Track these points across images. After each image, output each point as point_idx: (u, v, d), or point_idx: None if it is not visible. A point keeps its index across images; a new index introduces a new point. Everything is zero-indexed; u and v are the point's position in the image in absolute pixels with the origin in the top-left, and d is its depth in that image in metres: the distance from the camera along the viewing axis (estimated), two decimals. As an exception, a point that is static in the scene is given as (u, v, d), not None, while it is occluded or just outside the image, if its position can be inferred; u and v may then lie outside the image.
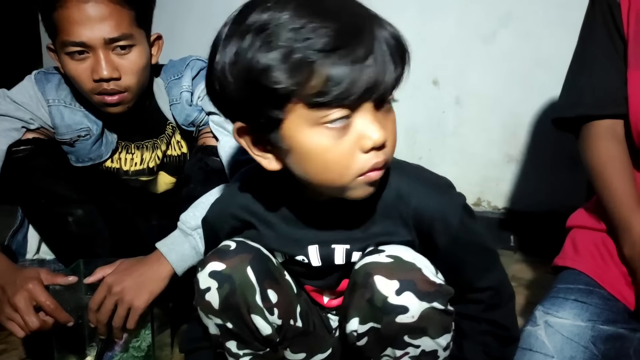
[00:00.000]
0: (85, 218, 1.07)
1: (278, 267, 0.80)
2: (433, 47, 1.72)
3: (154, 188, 1.23)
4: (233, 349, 0.80)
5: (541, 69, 1.62)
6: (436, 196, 0.72)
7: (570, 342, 0.75)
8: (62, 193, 1.06)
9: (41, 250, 1.19)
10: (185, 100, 1.16)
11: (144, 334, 1.01)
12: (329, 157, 0.62)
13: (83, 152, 1.14)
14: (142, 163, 1.20)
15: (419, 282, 0.67)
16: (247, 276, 0.73)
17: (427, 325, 0.67)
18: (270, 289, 0.76)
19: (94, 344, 1.03)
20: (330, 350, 0.87)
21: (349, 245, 0.75)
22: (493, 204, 1.80)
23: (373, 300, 0.67)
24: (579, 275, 0.85)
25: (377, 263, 0.68)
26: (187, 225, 0.95)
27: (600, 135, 0.89)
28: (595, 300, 0.80)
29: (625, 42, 0.87)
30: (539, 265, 1.58)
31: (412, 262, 0.69)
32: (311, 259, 0.77)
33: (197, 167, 1.09)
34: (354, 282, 0.70)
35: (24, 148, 1.06)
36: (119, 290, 0.92)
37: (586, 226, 0.92)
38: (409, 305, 0.66)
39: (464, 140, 1.79)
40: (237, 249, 0.76)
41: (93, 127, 1.13)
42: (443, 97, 1.77)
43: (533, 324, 0.80)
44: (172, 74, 1.19)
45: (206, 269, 0.74)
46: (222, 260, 0.74)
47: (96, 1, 0.98)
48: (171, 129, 1.21)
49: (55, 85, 1.13)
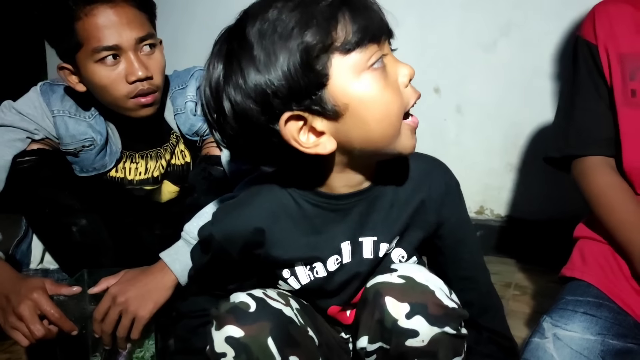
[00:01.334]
0: (89, 228, 1.07)
1: (300, 327, 0.74)
2: (434, 56, 1.73)
3: (158, 197, 1.23)
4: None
5: (541, 78, 1.63)
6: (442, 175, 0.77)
7: (580, 356, 0.74)
8: (66, 203, 1.06)
9: (45, 259, 1.18)
10: (189, 110, 1.17)
11: (147, 344, 1.00)
12: (387, 98, 0.64)
13: (87, 162, 1.14)
14: (146, 172, 1.21)
15: (430, 305, 0.66)
16: (267, 347, 0.68)
17: (438, 349, 0.67)
18: (293, 356, 0.71)
19: (97, 354, 1.03)
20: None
21: (376, 237, 0.74)
22: (496, 212, 1.80)
23: (383, 321, 0.66)
24: (588, 288, 0.84)
25: (388, 283, 0.68)
26: (191, 235, 0.95)
27: (595, 166, 0.91)
28: (605, 313, 0.79)
29: (607, 86, 0.90)
30: (541, 273, 1.58)
31: (425, 284, 0.68)
32: (344, 256, 0.75)
33: (201, 176, 1.09)
34: (365, 299, 0.70)
35: (28, 159, 1.06)
36: (124, 301, 0.91)
37: (595, 238, 0.92)
38: (419, 329, 0.65)
39: (465, 148, 1.79)
40: (257, 313, 0.69)
41: (97, 137, 1.13)
42: (444, 105, 1.77)
43: (541, 336, 0.79)
44: (177, 84, 1.20)
45: (222, 332, 0.68)
46: (240, 325, 0.68)
47: (121, 6, 1.02)
48: (175, 139, 1.21)
49: (60, 96, 1.14)
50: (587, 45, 0.92)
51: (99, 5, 1.00)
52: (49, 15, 1.03)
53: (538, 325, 0.82)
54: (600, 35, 0.90)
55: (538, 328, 0.81)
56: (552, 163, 1.01)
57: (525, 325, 1.23)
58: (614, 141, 0.89)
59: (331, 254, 0.74)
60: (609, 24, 0.89)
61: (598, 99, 0.91)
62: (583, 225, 0.96)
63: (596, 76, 0.91)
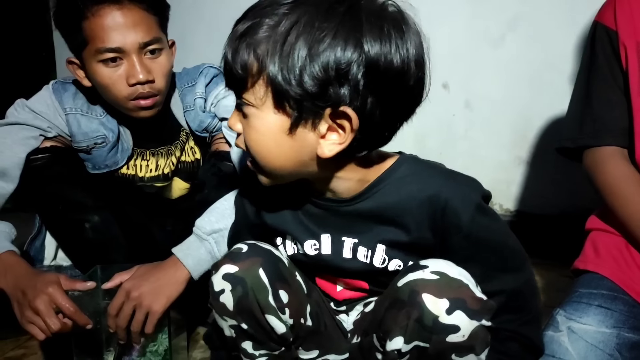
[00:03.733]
0: (102, 224, 1.08)
1: (289, 268, 0.81)
2: (442, 51, 1.73)
3: (169, 194, 1.25)
4: (249, 349, 0.81)
5: (549, 72, 1.63)
6: (449, 189, 0.71)
7: (595, 349, 0.73)
8: (79, 200, 1.08)
9: (58, 256, 1.20)
10: (199, 106, 1.18)
11: (161, 338, 1.01)
12: None
13: (99, 159, 1.16)
14: (157, 169, 1.22)
15: (468, 299, 0.66)
16: (259, 278, 0.75)
17: (475, 343, 0.67)
18: (282, 290, 0.77)
19: (112, 348, 1.04)
20: (346, 355, 0.87)
21: (357, 240, 0.77)
22: (505, 207, 1.80)
23: (422, 319, 0.65)
24: (601, 280, 0.84)
25: (423, 280, 0.67)
26: (203, 231, 0.96)
27: (608, 157, 0.89)
28: (620, 306, 0.78)
29: (624, 74, 0.87)
30: (552, 267, 1.57)
31: (459, 279, 0.67)
32: (322, 246, 0.79)
33: (211, 172, 1.10)
34: (396, 299, 0.69)
35: (42, 156, 1.07)
36: (137, 296, 0.92)
37: (607, 230, 0.91)
38: (460, 324, 0.65)
39: (474, 143, 1.79)
40: (249, 252, 0.78)
41: (109, 134, 1.15)
42: (453, 100, 1.78)
43: (555, 329, 0.78)
44: (186, 82, 1.21)
45: (220, 272, 0.76)
46: (234, 262, 0.76)
47: (128, 8, 1.02)
48: (185, 135, 1.22)
49: (72, 94, 1.16)
50: (606, 32, 0.89)
51: (106, 6, 1.01)
52: (61, 10, 1.05)
53: (551, 318, 0.81)
54: (620, 22, 0.87)
55: (551, 321, 0.80)
56: (564, 153, 0.99)
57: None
58: (627, 132, 0.88)
59: (309, 238, 0.79)
60: (630, 11, 0.87)
61: (615, 87, 0.89)
62: (595, 217, 0.95)
63: (614, 63, 0.89)
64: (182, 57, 1.36)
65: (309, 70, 0.61)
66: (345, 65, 0.61)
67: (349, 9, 0.62)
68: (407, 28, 0.65)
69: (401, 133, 0.72)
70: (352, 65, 0.61)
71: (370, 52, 0.62)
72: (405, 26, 0.65)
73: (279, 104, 0.64)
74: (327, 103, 0.63)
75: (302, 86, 0.62)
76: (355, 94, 0.62)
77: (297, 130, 0.66)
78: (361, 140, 0.67)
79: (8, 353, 1.18)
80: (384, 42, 0.62)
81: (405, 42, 0.64)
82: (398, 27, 0.64)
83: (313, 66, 0.61)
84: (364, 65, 0.61)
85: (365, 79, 0.62)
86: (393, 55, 0.63)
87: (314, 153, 0.68)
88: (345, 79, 0.62)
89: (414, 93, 0.67)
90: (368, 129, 0.66)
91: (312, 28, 0.61)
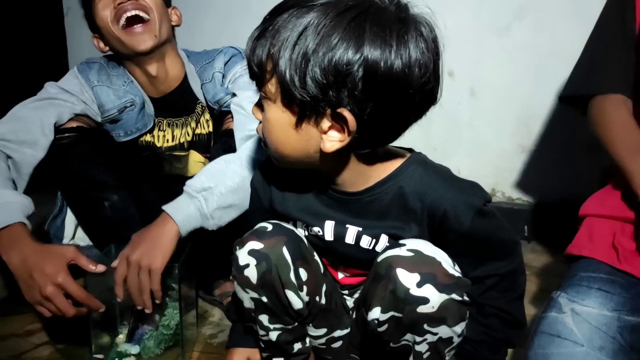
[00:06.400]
0: (120, 203, 1.14)
1: (309, 248, 0.86)
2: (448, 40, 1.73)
3: (186, 167, 1.30)
4: (265, 322, 0.87)
5: (554, 61, 1.64)
6: (452, 196, 0.75)
7: (599, 331, 0.75)
8: (101, 179, 1.13)
9: (76, 236, 1.25)
10: (217, 80, 1.25)
11: (172, 313, 1.06)
12: None
13: (131, 123, 1.25)
14: (173, 140, 1.29)
15: (439, 275, 0.71)
16: (283, 256, 0.81)
17: (446, 315, 0.71)
18: (302, 268, 0.83)
19: (126, 322, 1.09)
20: (348, 330, 0.92)
21: (361, 228, 0.81)
22: (507, 195, 1.83)
23: (395, 291, 0.71)
24: (599, 265, 0.86)
25: (398, 256, 0.72)
26: (193, 189, 1.01)
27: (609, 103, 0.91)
28: (618, 289, 0.81)
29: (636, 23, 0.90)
30: (551, 254, 1.61)
31: (432, 256, 0.73)
32: (325, 232, 0.84)
33: (222, 149, 1.14)
34: (376, 274, 0.74)
35: (68, 135, 1.13)
36: (136, 259, 0.96)
37: (602, 214, 0.93)
38: (429, 296, 0.70)
39: (478, 131, 1.82)
40: (274, 230, 0.83)
41: (136, 98, 1.24)
42: (458, 88, 1.79)
43: (559, 310, 0.80)
44: (205, 59, 1.29)
45: (245, 247, 0.82)
46: (260, 240, 0.82)
47: None
48: (201, 108, 1.29)
49: (96, 70, 1.26)
50: None
51: None
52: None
53: (552, 300, 0.83)
54: None
55: (553, 303, 0.82)
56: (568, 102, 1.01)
57: (531, 304, 1.27)
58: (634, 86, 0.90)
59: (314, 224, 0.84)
60: None
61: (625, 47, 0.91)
62: (589, 203, 0.97)
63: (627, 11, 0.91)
64: (192, 43, 1.39)
65: (311, 73, 0.65)
66: (345, 70, 0.64)
67: (356, 17, 0.65)
68: (412, 33, 0.67)
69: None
70: (351, 69, 0.64)
71: (369, 58, 0.64)
72: (412, 31, 0.67)
73: (287, 101, 0.69)
74: (327, 104, 0.67)
75: (305, 88, 0.66)
76: (354, 98, 0.66)
77: (302, 125, 0.70)
78: (362, 140, 0.70)
79: (27, 327, 1.23)
80: (384, 48, 0.64)
81: (408, 48, 0.66)
82: (402, 33, 0.66)
83: (315, 70, 0.65)
84: (362, 69, 0.64)
85: (364, 84, 0.65)
86: (393, 60, 0.65)
87: (318, 147, 0.72)
88: (344, 83, 0.65)
89: (419, 97, 0.69)
90: (367, 130, 0.69)
91: (319, 34, 0.65)
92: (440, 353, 0.76)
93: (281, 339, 0.88)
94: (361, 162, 0.77)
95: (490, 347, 0.82)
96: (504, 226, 0.80)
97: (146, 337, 1.07)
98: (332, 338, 0.93)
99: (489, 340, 0.81)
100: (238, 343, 0.98)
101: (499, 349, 0.83)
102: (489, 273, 0.79)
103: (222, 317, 1.26)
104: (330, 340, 0.93)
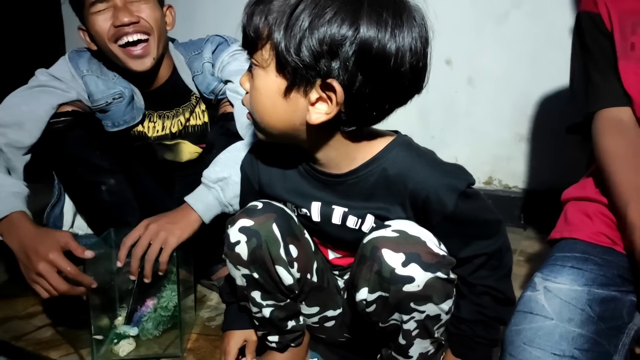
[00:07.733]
0: (117, 187, 1.16)
1: (299, 226, 0.88)
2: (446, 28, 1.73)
3: (179, 156, 1.32)
4: (257, 298, 0.89)
5: (552, 49, 1.64)
6: (434, 179, 0.77)
7: (568, 305, 0.78)
8: (97, 163, 1.15)
9: (75, 224, 1.27)
10: (207, 70, 1.26)
11: (170, 295, 1.08)
12: None
13: (118, 115, 1.24)
14: (163, 130, 1.30)
15: (423, 254, 0.72)
16: (272, 232, 0.83)
17: (432, 293, 0.73)
18: (292, 245, 0.85)
19: (125, 305, 1.11)
20: (340, 310, 0.94)
21: (347, 209, 0.83)
22: (504, 183, 1.84)
23: (381, 271, 0.72)
24: (575, 244, 0.89)
25: (383, 237, 0.74)
26: (209, 180, 1.04)
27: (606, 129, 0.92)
28: (591, 266, 0.84)
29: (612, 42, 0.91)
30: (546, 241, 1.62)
31: (417, 236, 0.74)
32: (312, 213, 0.86)
33: (220, 133, 1.17)
34: (362, 255, 0.76)
35: (63, 119, 1.15)
36: (155, 228, 0.99)
37: (580, 197, 0.96)
38: (414, 275, 0.71)
39: (475, 119, 1.83)
40: (264, 208, 0.85)
41: (125, 90, 1.24)
42: (456, 77, 1.80)
43: (533, 289, 0.84)
44: (192, 50, 1.29)
45: (236, 225, 0.84)
46: (250, 217, 0.83)
47: None
48: (195, 99, 1.30)
49: (86, 59, 1.26)
50: (589, 16, 0.94)
51: None
52: None
53: (530, 281, 0.87)
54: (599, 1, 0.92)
55: (530, 283, 0.86)
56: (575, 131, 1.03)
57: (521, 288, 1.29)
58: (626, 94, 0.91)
59: (301, 205, 0.87)
60: None
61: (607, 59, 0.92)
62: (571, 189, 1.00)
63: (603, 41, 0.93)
64: (191, 33, 1.40)
65: (306, 42, 0.66)
66: (339, 41, 0.66)
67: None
68: (407, 18, 0.68)
69: (405, 108, 0.76)
70: (345, 42, 0.66)
71: (364, 34, 0.66)
72: (406, 16, 0.68)
73: (280, 68, 0.70)
74: (318, 74, 0.68)
75: (299, 55, 0.67)
76: (344, 70, 0.67)
77: (291, 94, 0.72)
78: (348, 115, 0.72)
79: (29, 309, 1.27)
80: (380, 27, 0.66)
81: (403, 32, 0.67)
82: (398, 16, 0.68)
83: (311, 39, 0.66)
84: (357, 45, 0.66)
85: (356, 58, 0.67)
86: (387, 41, 0.66)
87: (304, 119, 0.73)
88: (337, 54, 0.67)
89: (408, 82, 0.70)
90: (354, 105, 0.71)
91: (317, 4, 0.66)
92: (429, 330, 0.78)
93: (274, 316, 0.90)
94: (347, 139, 0.78)
95: (486, 326, 0.84)
96: (488, 206, 0.81)
97: (145, 319, 1.09)
98: (325, 317, 0.95)
99: (483, 319, 0.83)
100: (233, 325, 1.01)
101: (493, 328, 0.85)
102: (476, 253, 0.81)
103: (220, 301, 1.28)
104: (323, 319, 0.95)
